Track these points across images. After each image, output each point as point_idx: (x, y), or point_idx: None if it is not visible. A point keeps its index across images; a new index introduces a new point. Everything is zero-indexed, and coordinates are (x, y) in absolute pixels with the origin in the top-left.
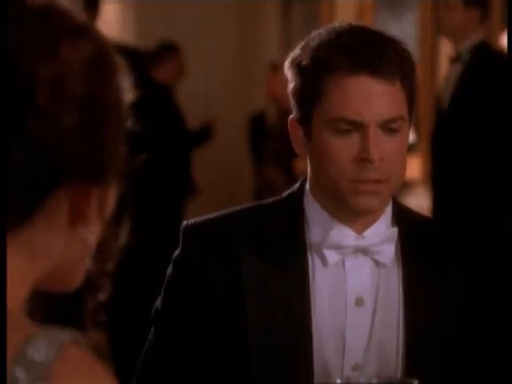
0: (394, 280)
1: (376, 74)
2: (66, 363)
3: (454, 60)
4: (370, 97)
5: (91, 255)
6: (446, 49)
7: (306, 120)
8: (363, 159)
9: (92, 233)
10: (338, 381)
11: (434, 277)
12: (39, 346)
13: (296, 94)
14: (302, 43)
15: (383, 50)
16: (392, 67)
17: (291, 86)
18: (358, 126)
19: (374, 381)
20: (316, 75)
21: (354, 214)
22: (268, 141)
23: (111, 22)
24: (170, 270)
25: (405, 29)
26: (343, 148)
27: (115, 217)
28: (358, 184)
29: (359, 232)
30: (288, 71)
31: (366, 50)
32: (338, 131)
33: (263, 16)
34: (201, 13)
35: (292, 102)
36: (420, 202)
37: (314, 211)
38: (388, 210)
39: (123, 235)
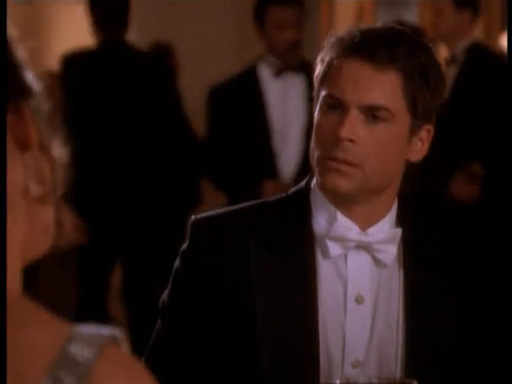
0: (395, 280)
1: (368, 59)
2: (106, 363)
3: (449, 62)
4: (358, 79)
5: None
6: (446, 49)
7: (317, 101)
8: (335, 136)
9: (39, 160)
10: (338, 381)
11: (435, 278)
12: (81, 346)
13: (316, 76)
14: None
15: (391, 42)
16: (391, 59)
17: (316, 71)
18: (342, 106)
19: (374, 381)
20: (328, 56)
21: (332, 196)
22: None
23: None
24: (177, 263)
25: None
26: (325, 125)
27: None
28: (327, 160)
29: (362, 228)
30: (318, 60)
31: (371, 39)
32: (327, 109)
33: None
34: (199, 13)
35: (315, 85)
36: None
37: (319, 204)
38: (393, 211)
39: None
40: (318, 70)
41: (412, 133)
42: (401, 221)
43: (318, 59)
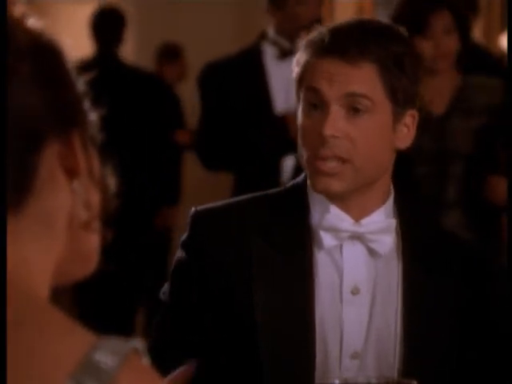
0: (393, 271)
1: (339, 56)
2: (129, 372)
3: None
4: (332, 76)
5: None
6: None
7: (299, 103)
8: (319, 135)
9: (86, 187)
10: (337, 381)
11: (433, 269)
12: (105, 354)
13: (295, 78)
14: None
15: (360, 37)
16: (362, 52)
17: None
18: (322, 104)
19: (373, 381)
20: (303, 57)
21: (329, 197)
22: None
23: None
24: (177, 253)
25: None
26: (308, 125)
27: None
28: (317, 161)
29: (356, 219)
30: (294, 63)
31: (342, 36)
32: (308, 106)
33: (263, 16)
34: (201, 13)
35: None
36: None
37: (314, 197)
38: (389, 202)
39: (111, 183)
40: (295, 71)
41: (396, 120)
42: (398, 212)
43: (295, 61)
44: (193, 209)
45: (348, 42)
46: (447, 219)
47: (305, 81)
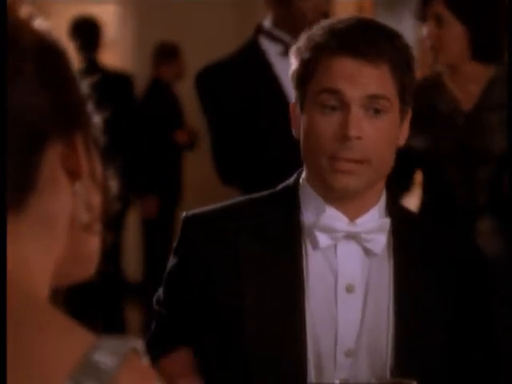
0: (385, 270)
1: (359, 56)
2: (128, 372)
3: None
4: (353, 77)
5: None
6: None
7: (300, 100)
8: (342, 136)
9: (88, 189)
10: (337, 381)
11: (424, 268)
12: (104, 354)
13: (294, 75)
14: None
15: (372, 36)
16: (378, 52)
17: (292, 69)
18: (342, 105)
19: (373, 381)
20: (309, 56)
21: (337, 194)
22: None
23: (111, 23)
24: (170, 260)
25: (405, 29)
26: (326, 124)
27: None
28: (336, 161)
29: (352, 219)
30: (291, 57)
31: (354, 35)
32: (323, 107)
33: (263, 16)
34: (200, 13)
35: (292, 84)
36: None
37: (308, 197)
38: (382, 201)
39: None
40: (296, 69)
41: (402, 118)
42: (390, 212)
43: (293, 58)
44: (183, 214)
45: (363, 42)
46: (479, 223)
47: (315, 81)
